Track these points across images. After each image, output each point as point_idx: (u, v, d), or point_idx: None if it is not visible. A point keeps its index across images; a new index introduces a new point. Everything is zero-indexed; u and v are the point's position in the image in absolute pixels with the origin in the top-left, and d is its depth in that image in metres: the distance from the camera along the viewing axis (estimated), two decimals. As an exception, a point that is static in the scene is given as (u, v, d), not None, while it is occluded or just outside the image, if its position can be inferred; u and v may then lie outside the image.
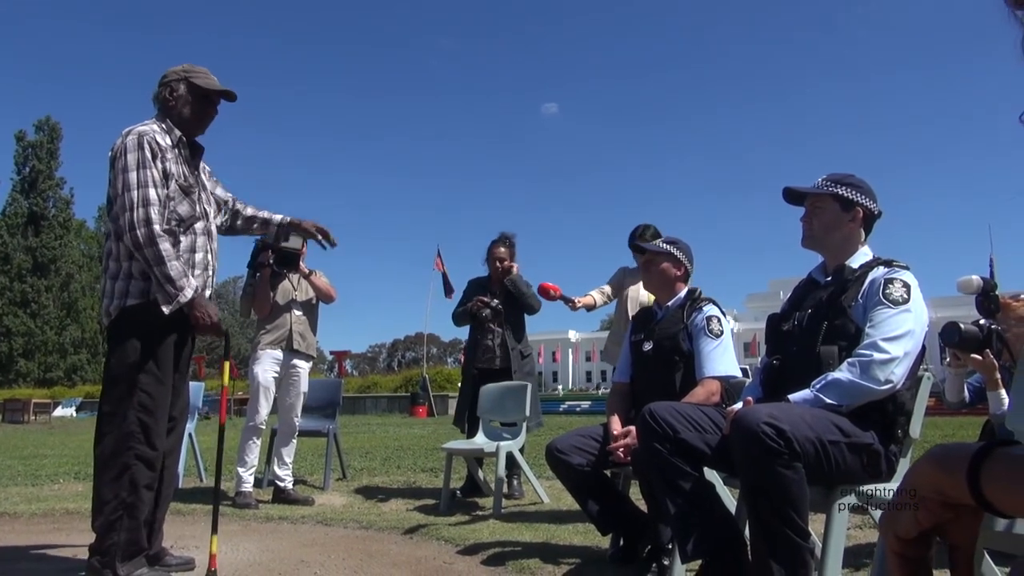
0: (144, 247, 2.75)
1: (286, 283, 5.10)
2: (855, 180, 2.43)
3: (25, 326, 45.98)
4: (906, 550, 0.65)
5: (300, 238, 4.71)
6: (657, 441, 2.35)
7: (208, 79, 3.05)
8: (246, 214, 3.41)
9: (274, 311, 5.04)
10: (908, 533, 0.64)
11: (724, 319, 3.11)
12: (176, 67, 3.05)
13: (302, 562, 3.22)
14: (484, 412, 5.07)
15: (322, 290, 5.16)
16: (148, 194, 2.79)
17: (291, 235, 4.73)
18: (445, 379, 28.75)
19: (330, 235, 3.49)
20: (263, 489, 5.54)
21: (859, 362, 2.13)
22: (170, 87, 2.99)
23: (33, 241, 47.20)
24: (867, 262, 2.36)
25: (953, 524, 0.63)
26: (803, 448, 1.98)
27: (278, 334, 5.02)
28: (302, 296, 5.14)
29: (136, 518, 2.74)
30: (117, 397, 2.78)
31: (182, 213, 2.91)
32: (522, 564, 3.04)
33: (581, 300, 4.45)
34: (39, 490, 5.78)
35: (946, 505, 0.62)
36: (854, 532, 3.41)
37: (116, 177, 2.83)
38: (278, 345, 5.01)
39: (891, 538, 0.65)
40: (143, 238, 2.75)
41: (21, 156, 48.40)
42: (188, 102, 2.99)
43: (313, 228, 3.48)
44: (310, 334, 5.19)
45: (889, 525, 0.65)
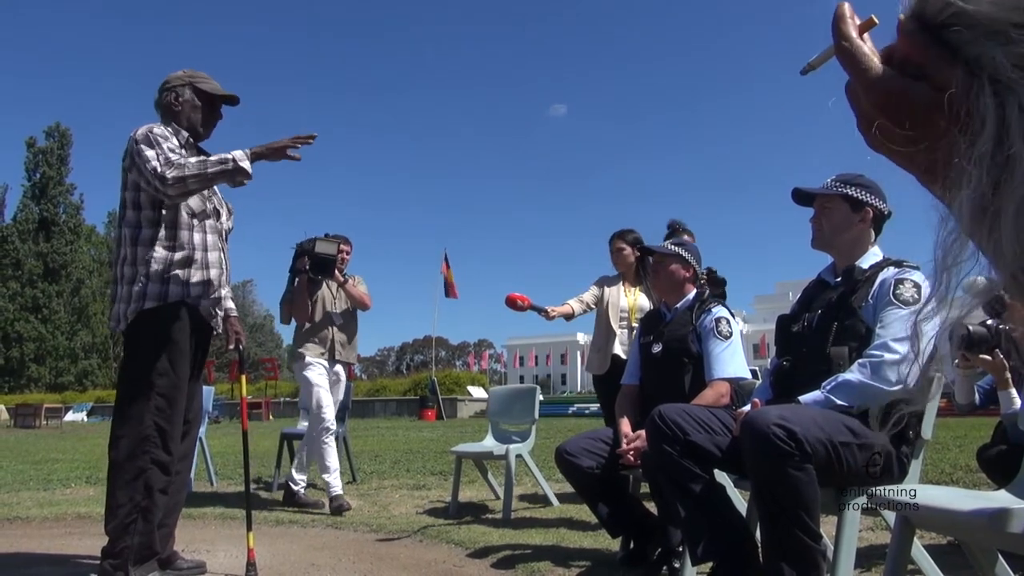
0: (180, 180, 2.72)
1: (326, 291, 5.04)
2: (865, 180, 2.42)
3: (36, 331, 46.32)
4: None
5: (334, 243, 4.75)
6: (667, 443, 2.35)
7: (211, 84, 3.06)
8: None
9: (315, 320, 4.97)
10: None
11: (733, 320, 3.11)
12: (178, 72, 3.05)
13: (312, 565, 3.22)
14: (494, 415, 5.08)
15: (355, 298, 5.07)
16: (164, 149, 2.78)
17: (324, 241, 4.74)
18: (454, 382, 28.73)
19: (302, 137, 2.88)
20: (273, 493, 5.56)
21: (870, 363, 2.13)
22: (175, 92, 3.00)
23: (44, 247, 47.56)
24: (877, 262, 2.35)
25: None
26: (814, 449, 1.97)
27: (318, 344, 4.96)
28: (341, 304, 5.09)
29: (150, 522, 2.75)
30: (133, 401, 2.78)
31: (194, 207, 2.93)
32: (532, 567, 3.03)
33: (556, 310, 4.34)
34: (51, 494, 5.81)
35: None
36: (866, 534, 3.39)
37: (132, 166, 2.83)
38: (322, 355, 4.96)
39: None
40: (173, 178, 2.72)
41: (32, 162, 48.86)
42: (195, 107, 3.00)
43: (285, 145, 2.86)
44: (351, 342, 5.16)
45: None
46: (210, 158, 2.78)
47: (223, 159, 2.76)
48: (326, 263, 4.73)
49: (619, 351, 4.28)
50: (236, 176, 2.79)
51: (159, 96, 3.04)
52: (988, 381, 3.15)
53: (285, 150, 2.82)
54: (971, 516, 1.64)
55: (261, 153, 2.82)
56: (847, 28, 0.47)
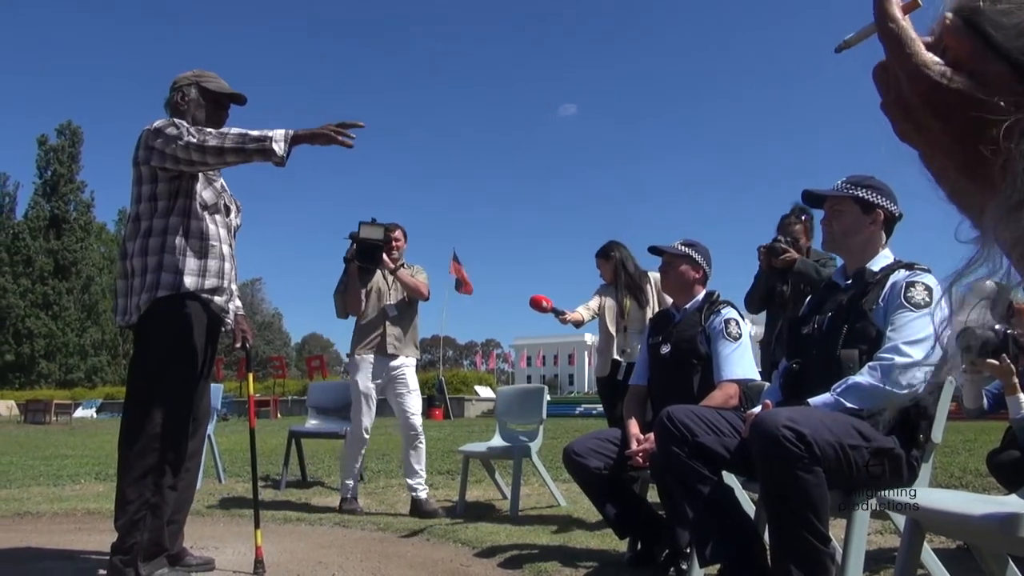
0: (219, 151, 2.69)
1: (381, 282, 4.69)
2: (875, 182, 2.41)
3: (47, 328, 46.56)
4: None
5: (380, 228, 4.41)
6: (675, 444, 2.34)
7: (218, 83, 3.07)
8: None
9: (368, 312, 4.65)
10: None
11: (742, 322, 3.10)
12: (186, 72, 3.07)
13: (320, 563, 3.23)
14: (501, 415, 5.08)
15: (410, 286, 4.63)
16: (190, 123, 2.76)
17: (369, 225, 4.38)
18: (461, 381, 28.74)
19: (349, 123, 2.77)
20: (280, 491, 5.58)
21: (880, 366, 2.12)
22: (181, 91, 3.01)
23: (55, 244, 47.81)
24: (888, 265, 2.34)
25: None
26: (823, 452, 1.96)
27: (370, 338, 4.64)
28: (397, 295, 4.70)
29: (159, 518, 2.76)
30: (143, 397, 2.79)
31: (207, 199, 2.94)
32: (539, 567, 3.04)
33: (571, 315, 4.47)
34: (61, 490, 5.85)
35: None
36: (874, 537, 3.38)
37: (149, 157, 2.82)
38: (371, 350, 4.64)
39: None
40: (213, 147, 2.68)
41: (43, 160, 49.09)
42: (200, 105, 3.02)
43: (332, 131, 2.74)
44: (409, 334, 4.77)
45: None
46: (250, 132, 2.70)
47: (263, 136, 2.68)
48: (373, 249, 4.39)
49: (617, 355, 4.49)
50: (271, 157, 2.70)
51: (168, 96, 3.07)
52: (996, 386, 3.14)
53: (330, 136, 2.71)
54: (982, 520, 1.63)
55: (303, 137, 2.72)
56: (892, 8, 0.45)
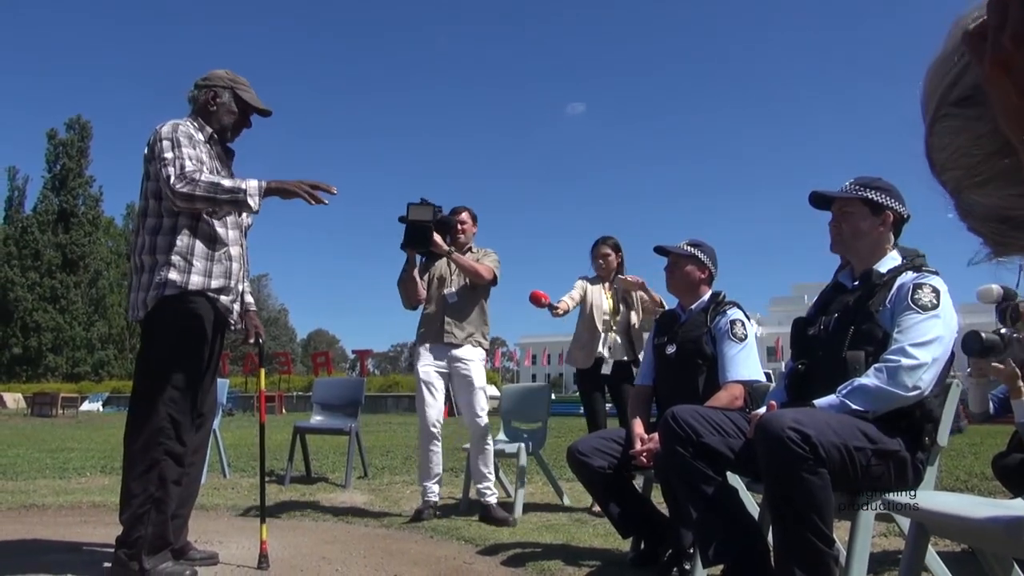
0: (189, 197, 2.73)
1: (443, 266, 4.37)
2: (884, 184, 2.40)
3: (54, 321, 46.80)
4: None
5: (431, 208, 4.05)
6: (679, 444, 2.34)
7: (251, 93, 3.09)
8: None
9: (430, 299, 4.34)
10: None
11: (748, 323, 3.10)
12: (221, 72, 3.07)
13: (323, 559, 3.24)
14: (506, 413, 5.08)
15: (468, 269, 4.25)
16: (183, 154, 2.79)
17: (418, 206, 4.02)
18: (466, 379, 28.72)
19: (321, 186, 2.82)
20: (285, 487, 5.59)
21: (886, 367, 2.11)
22: (214, 91, 3.01)
23: (63, 238, 48.05)
24: (896, 266, 2.33)
25: None
26: (828, 454, 1.96)
27: (428, 327, 4.33)
28: (459, 280, 4.36)
29: (164, 512, 2.77)
30: (149, 391, 2.80)
31: None
32: (542, 565, 3.04)
33: (561, 307, 4.51)
34: (66, 483, 5.88)
35: None
36: (879, 540, 3.37)
37: (153, 159, 2.84)
38: (430, 340, 4.31)
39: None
40: (183, 193, 2.73)
41: (52, 154, 49.32)
42: (230, 112, 3.03)
43: (304, 189, 2.81)
44: (471, 322, 4.33)
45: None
46: (223, 183, 2.76)
47: (236, 188, 2.75)
48: (422, 232, 4.00)
49: (603, 351, 4.56)
50: (243, 208, 2.82)
51: (196, 91, 3.05)
52: (1002, 390, 3.13)
53: (301, 194, 2.80)
54: (987, 524, 1.63)
55: (275, 190, 2.80)
56: None
